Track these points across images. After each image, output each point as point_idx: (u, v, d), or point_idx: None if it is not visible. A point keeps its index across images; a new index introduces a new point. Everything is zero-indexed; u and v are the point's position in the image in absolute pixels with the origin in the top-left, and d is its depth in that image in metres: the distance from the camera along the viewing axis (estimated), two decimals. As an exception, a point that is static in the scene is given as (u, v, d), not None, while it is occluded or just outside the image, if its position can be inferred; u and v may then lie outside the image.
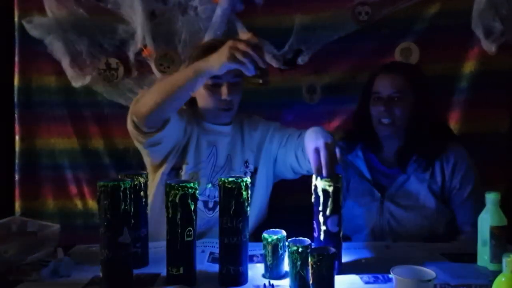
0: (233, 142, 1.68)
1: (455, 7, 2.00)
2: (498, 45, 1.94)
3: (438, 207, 1.60)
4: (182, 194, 1.10)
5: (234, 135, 1.69)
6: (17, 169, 2.06)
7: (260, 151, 1.69)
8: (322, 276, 1.02)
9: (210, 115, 1.65)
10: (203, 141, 1.65)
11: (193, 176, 1.61)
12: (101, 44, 2.04)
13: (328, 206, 1.18)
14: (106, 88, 2.05)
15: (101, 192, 1.08)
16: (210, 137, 1.66)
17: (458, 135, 1.86)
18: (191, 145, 1.63)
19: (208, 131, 1.66)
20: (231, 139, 1.68)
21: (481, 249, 1.26)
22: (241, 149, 1.68)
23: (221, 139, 1.66)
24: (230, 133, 1.68)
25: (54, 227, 1.37)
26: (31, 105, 2.07)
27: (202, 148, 1.64)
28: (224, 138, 1.67)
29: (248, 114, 1.77)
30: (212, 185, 1.61)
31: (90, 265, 1.24)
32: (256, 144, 1.70)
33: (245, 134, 1.71)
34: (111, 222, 1.08)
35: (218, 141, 1.66)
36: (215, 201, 1.60)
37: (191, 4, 2.03)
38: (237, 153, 1.67)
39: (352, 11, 2.03)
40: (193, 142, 1.63)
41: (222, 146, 1.66)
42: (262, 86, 1.37)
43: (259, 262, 1.27)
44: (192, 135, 1.64)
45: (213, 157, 1.65)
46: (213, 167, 1.63)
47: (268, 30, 2.04)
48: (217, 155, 1.65)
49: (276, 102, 2.07)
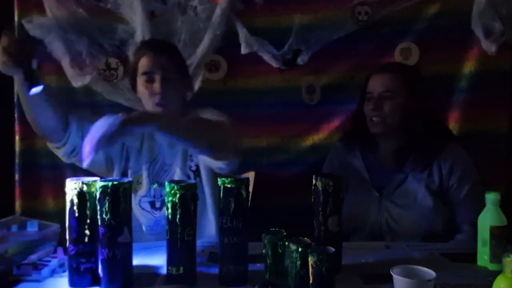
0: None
1: (455, 7, 2.00)
2: (498, 45, 1.94)
3: (436, 206, 1.59)
4: (182, 194, 1.10)
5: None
6: (17, 169, 2.06)
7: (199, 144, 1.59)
8: (322, 276, 1.02)
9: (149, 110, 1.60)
10: (151, 142, 1.62)
11: (138, 179, 1.59)
12: (101, 44, 2.04)
13: (328, 206, 1.18)
14: (106, 88, 2.05)
15: (101, 192, 1.08)
16: (158, 136, 1.61)
17: (456, 135, 1.85)
18: (131, 148, 1.61)
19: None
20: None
21: (481, 249, 1.26)
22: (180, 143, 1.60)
23: (168, 138, 1.58)
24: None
25: (54, 227, 1.37)
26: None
27: (148, 149, 1.62)
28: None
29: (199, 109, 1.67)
30: (158, 184, 1.59)
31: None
32: (193, 136, 1.59)
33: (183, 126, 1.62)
34: (111, 222, 1.08)
35: (164, 139, 1.60)
36: (162, 200, 1.57)
37: (191, 4, 2.04)
38: (181, 148, 1.61)
39: (351, 11, 2.03)
40: (137, 145, 1.62)
41: (168, 143, 1.61)
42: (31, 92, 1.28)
43: (259, 262, 1.27)
44: (135, 138, 1.62)
45: (162, 156, 1.62)
46: (162, 167, 1.61)
47: (268, 30, 2.05)
48: (165, 153, 1.62)
49: (276, 102, 2.07)
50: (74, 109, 1.59)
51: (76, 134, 1.48)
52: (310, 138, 2.13)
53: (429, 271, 1.00)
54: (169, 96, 1.55)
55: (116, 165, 1.62)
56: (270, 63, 2.04)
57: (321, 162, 1.80)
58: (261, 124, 2.11)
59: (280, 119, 2.09)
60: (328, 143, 2.05)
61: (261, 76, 2.08)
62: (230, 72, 2.07)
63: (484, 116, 2.02)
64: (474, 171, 1.64)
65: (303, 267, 1.07)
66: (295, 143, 2.14)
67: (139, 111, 1.61)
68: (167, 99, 1.54)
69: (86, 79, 2.03)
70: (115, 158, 1.62)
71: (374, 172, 1.69)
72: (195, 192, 1.13)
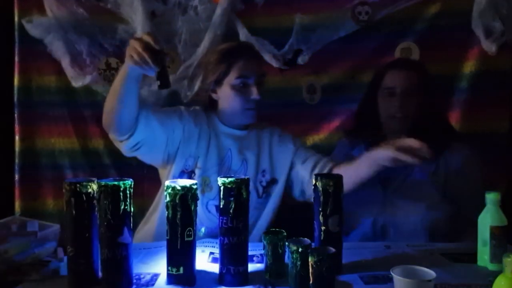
0: (250, 147, 1.64)
1: (455, 7, 2.00)
2: (498, 45, 1.94)
3: (440, 201, 1.59)
4: (182, 194, 1.10)
5: (251, 140, 1.66)
6: (17, 169, 2.06)
7: (282, 163, 1.66)
8: (322, 276, 1.02)
9: (233, 117, 1.62)
10: (218, 145, 1.62)
11: (205, 180, 1.58)
12: (101, 44, 2.05)
13: (328, 206, 1.18)
14: (106, 88, 2.05)
15: (101, 192, 1.08)
16: (227, 141, 1.63)
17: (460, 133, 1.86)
18: (201, 149, 1.59)
19: (224, 134, 1.63)
20: (248, 144, 1.65)
21: (481, 249, 1.26)
22: (257, 156, 1.64)
23: (238, 143, 1.63)
24: (247, 137, 1.66)
25: (54, 227, 1.37)
26: (31, 105, 2.07)
27: (215, 152, 1.61)
28: (240, 142, 1.64)
29: (269, 124, 1.74)
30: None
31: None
32: (277, 155, 1.67)
33: (264, 142, 1.68)
34: (111, 222, 1.08)
35: (234, 145, 1.62)
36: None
37: (191, 4, 2.04)
38: (253, 159, 1.63)
39: (352, 11, 2.03)
40: (204, 146, 1.60)
41: (238, 150, 1.63)
42: (161, 88, 1.34)
43: (259, 262, 1.27)
44: (202, 138, 1.60)
45: (228, 161, 1.62)
46: (228, 172, 1.59)
47: (268, 30, 2.05)
48: (232, 159, 1.62)
49: (276, 102, 2.07)
50: (145, 105, 1.59)
51: (143, 128, 1.48)
52: (311, 138, 2.13)
53: (429, 271, 1.00)
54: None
55: (177, 162, 1.58)
56: (270, 63, 2.04)
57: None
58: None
59: (280, 119, 2.09)
60: (329, 143, 2.04)
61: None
62: (230, 72, 2.07)
63: (484, 116, 2.02)
64: (481, 171, 1.65)
65: (304, 267, 1.07)
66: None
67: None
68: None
69: (87, 79, 2.03)
70: (176, 154, 1.58)
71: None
72: (195, 192, 1.13)
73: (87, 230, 1.11)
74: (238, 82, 1.56)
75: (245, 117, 1.61)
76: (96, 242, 1.12)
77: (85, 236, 1.11)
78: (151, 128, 1.50)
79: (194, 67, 2.04)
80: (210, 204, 1.58)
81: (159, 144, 1.55)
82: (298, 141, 1.72)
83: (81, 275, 1.12)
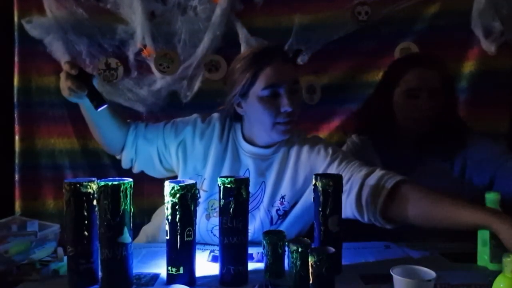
0: (272, 168, 1.45)
1: (455, 7, 2.00)
2: (498, 45, 1.94)
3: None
4: (182, 194, 1.10)
5: (275, 160, 1.45)
6: (17, 169, 2.06)
7: (306, 186, 1.42)
8: (322, 276, 1.02)
9: (260, 134, 1.43)
10: (234, 165, 1.45)
11: (213, 204, 1.44)
12: (101, 44, 2.04)
13: (328, 206, 1.18)
14: (105, 88, 2.05)
15: (101, 192, 1.08)
16: (246, 160, 1.45)
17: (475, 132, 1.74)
18: (209, 168, 1.45)
19: (245, 152, 1.46)
20: (271, 164, 1.45)
21: (481, 249, 1.26)
22: (279, 180, 1.44)
23: (258, 162, 1.45)
24: (271, 156, 1.46)
25: (54, 227, 1.37)
26: (31, 105, 2.07)
27: (228, 172, 1.44)
28: (262, 162, 1.45)
29: (304, 134, 1.53)
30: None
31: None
32: (304, 177, 1.42)
33: (291, 161, 1.44)
34: (111, 222, 1.08)
35: (254, 165, 1.45)
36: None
37: (191, 4, 2.04)
38: (271, 182, 1.43)
39: (351, 11, 2.03)
40: (214, 165, 1.45)
41: (258, 171, 1.44)
42: (97, 108, 1.31)
43: (259, 262, 1.27)
44: (213, 155, 1.45)
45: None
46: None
47: (268, 30, 2.05)
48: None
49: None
50: (134, 121, 1.57)
51: (130, 145, 1.49)
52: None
53: (429, 271, 1.00)
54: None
55: (179, 174, 1.49)
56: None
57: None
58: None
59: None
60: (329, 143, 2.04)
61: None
62: (230, 72, 2.07)
63: (484, 116, 2.02)
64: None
65: (303, 268, 1.07)
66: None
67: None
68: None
69: (86, 79, 2.03)
70: (179, 170, 1.51)
71: (392, 164, 1.54)
72: (195, 192, 1.13)
73: (87, 230, 1.11)
74: (267, 92, 1.35)
75: (275, 134, 1.40)
76: (96, 242, 1.12)
77: (85, 236, 1.11)
78: (138, 144, 1.49)
79: (193, 67, 2.05)
80: (215, 229, 1.42)
81: (153, 160, 1.52)
82: (332, 149, 1.43)
83: (81, 275, 1.12)
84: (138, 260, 1.28)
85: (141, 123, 1.54)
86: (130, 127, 1.51)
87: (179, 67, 2.04)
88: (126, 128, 1.50)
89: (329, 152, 1.41)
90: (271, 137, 1.42)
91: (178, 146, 1.48)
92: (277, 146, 1.45)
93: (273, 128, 1.38)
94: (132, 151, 1.50)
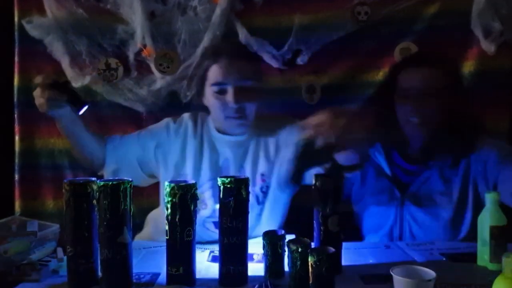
0: (249, 151, 1.53)
1: (455, 7, 2.00)
2: (497, 45, 1.94)
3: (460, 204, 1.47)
4: (181, 194, 1.10)
5: (251, 144, 1.54)
6: (17, 169, 2.06)
7: (277, 155, 1.52)
8: (321, 276, 1.02)
9: (221, 125, 1.52)
10: (212, 156, 1.52)
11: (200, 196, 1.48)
12: (101, 44, 2.04)
13: (328, 206, 1.18)
14: (105, 88, 2.05)
15: (101, 192, 1.08)
16: (223, 150, 1.53)
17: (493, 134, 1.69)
18: (188, 163, 1.52)
19: (220, 142, 1.53)
20: (248, 148, 1.54)
21: (481, 249, 1.26)
22: (255, 160, 1.52)
23: (236, 150, 1.53)
24: (247, 141, 1.54)
25: (54, 227, 1.37)
26: (31, 105, 2.05)
27: (208, 164, 1.51)
28: (239, 148, 1.53)
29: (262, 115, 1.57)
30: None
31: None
32: (274, 148, 1.53)
33: (261, 140, 1.54)
34: (110, 222, 1.08)
35: (232, 153, 1.52)
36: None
37: (191, 4, 2.03)
38: (251, 163, 1.51)
39: (351, 11, 2.03)
40: (192, 159, 1.52)
41: (237, 158, 1.52)
42: (79, 111, 1.37)
43: (259, 262, 1.27)
44: (189, 151, 1.53)
45: (226, 172, 1.51)
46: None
47: (268, 30, 2.05)
48: (230, 169, 1.51)
49: (276, 102, 2.07)
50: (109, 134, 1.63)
51: (111, 155, 1.55)
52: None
53: (429, 271, 1.00)
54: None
55: (163, 181, 1.52)
56: (270, 63, 2.04)
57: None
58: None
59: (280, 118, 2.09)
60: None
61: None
62: (230, 72, 2.06)
63: (484, 116, 2.02)
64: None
65: (303, 268, 1.07)
66: (295, 143, 2.13)
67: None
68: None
69: (86, 80, 2.03)
70: (159, 173, 1.56)
71: (396, 169, 1.57)
72: (195, 192, 1.13)
73: (87, 230, 1.11)
74: (215, 88, 1.44)
75: (230, 127, 1.50)
76: (96, 242, 1.12)
77: (85, 236, 1.11)
78: (118, 156, 1.54)
79: (193, 67, 2.04)
80: (207, 221, 1.50)
81: (135, 168, 1.56)
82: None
83: (81, 275, 1.12)
84: (138, 260, 1.28)
85: (116, 136, 1.61)
86: (107, 142, 1.57)
87: (179, 67, 2.04)
88: (103, 143, 1.56)
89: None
90: (230, 130, 1.50)
91: (155, 149, 1.55)
92: (249, 132, 1.52)
93: (226, 121, 1.47)
94: (113, 163, 1.54)
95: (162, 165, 1.54)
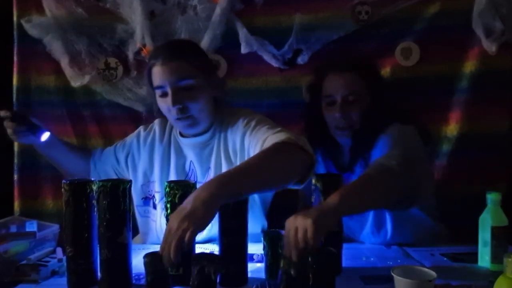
0: (214, 151, 1.48)
1: (456, 7, 2.00)
2: (499, 45, 1.93)
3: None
4: (181, 194, 1.10)
5: (215, 144, 1.48)
6: (16, 169, 2.05)
7: (236, 158, 1.44)
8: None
9: (178, 128, 1.51)
10: (178, 161, 1.51)
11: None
12: (100, 44, 2.04)
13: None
14: (105, 87, 2.04)
15: (100, 192, 1.07)
16: (188, 153, 1.50)
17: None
18: (155, 170, 1.53)
19: (185, 145, 1.51)
20: (211, 149, 1.49)
21: (482, 249, 1.25)
22: (219, 162, 1.46)
23: (199, 151, 1.49)
24: (210, 141, 1.49)
25: (54, 227, 1.37)
26: (30, 105, 2.07)
27: (174, 170, 1.50)
28: (203, 149, 1.49)
29: (230, 111, 1.52)
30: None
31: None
32: (232, 151, 1.46)
33: (221, 140, 1.48)
34: (110, 222, 1.08)
35: (195, 155, 1.49)
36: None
37: (191, 4, 2.03)
38: (218, 164, 1.46)
39: (352, 10, 2.02)
40: (159, 165, 1.52)
41: (201, 159, 1.48)
42: (35, 134, 1.48)
43: (259, 262, 1.27)
44: (156, 158, 1.53)
45: (193, 175, 1.49)
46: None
47: (268, 30, 2.04)
48: (197, 172, 1.49)
49: (275, 102, 2.07)
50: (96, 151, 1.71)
51: (94, 170, 1.63)
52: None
53: (429, 271, 1.00)
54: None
55: (135, 190, 1.50)
56: (270, 62, 2.03)
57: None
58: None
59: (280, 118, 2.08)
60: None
61: (261, 76, 2.08)
62: (230, 71, 2.06)
63: (484, 116, 2.01)
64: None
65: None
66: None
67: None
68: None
69: (85, 79, 2.02)
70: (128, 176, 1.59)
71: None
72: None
73: (87, 230, 1.11)
74: (159, 92, 1.42)
75: (182, 128, 1.48)
76: (95, 242, 1.12)
77: (85, 236, 1.11)
78: (98, 168, 1.63)
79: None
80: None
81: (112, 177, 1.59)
82: (247, 119, 1.43)
83: (81, 275, 1.11)
84: (138, 260, 1.27)
85: (99, 149, 1.70)
86: (91, 156, 1.66)
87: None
88: (89, 157, 1.66)
89: (244, 122, 1.42)
90: (184, 131, 1.49)
91: (126, 158, 1.60)
92: (212, 131, 1.49)
93: (175, 123, 1.47)
94: (96, 176, 1.59)
95: (132, 171, 1.58)
